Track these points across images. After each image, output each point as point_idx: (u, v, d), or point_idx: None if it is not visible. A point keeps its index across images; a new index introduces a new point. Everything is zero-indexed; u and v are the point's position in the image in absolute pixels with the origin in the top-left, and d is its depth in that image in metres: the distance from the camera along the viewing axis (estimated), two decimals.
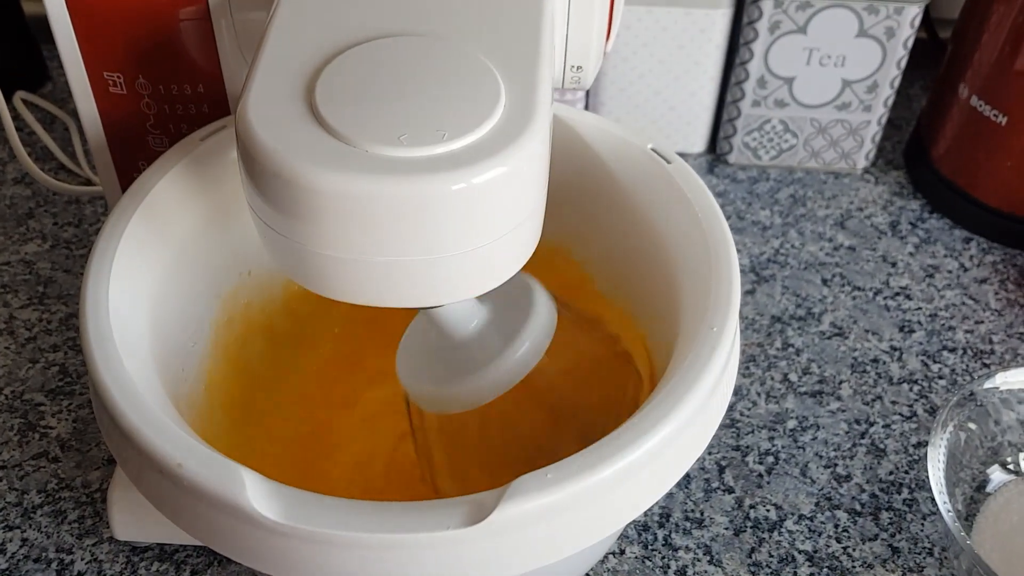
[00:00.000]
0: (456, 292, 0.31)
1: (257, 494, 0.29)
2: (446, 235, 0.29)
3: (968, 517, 0.46)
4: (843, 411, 0.53)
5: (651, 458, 0.31)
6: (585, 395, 0.43)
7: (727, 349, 0.34)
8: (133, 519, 0.44)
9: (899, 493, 0.49)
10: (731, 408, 0.52)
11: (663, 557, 0.46)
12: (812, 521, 0.48)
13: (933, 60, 0.68)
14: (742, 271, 0.60)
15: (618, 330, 0.44)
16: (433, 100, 0.29)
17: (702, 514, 0.48)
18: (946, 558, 0.46)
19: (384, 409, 0.47)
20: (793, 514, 0.48)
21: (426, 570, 0.30)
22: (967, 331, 0.57)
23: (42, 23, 0.40)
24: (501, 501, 0.29)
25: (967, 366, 0.55)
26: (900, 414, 0.53)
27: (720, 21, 0.62)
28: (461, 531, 0.29)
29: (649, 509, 0.47)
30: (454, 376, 0.38)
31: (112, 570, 0.45)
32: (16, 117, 0.67)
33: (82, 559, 0.45)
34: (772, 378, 0.54)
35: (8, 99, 0.67)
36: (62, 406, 0.52)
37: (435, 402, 0.39)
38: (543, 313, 0.39)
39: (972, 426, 0.47)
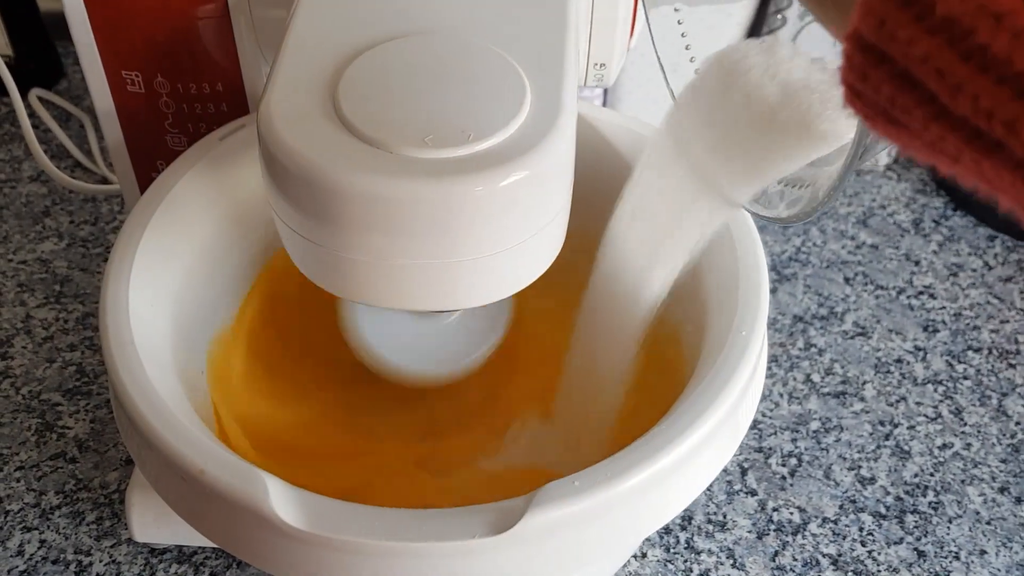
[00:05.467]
0: (479, 296, 0.31)
1: (280, 501, 0.29)
2: (471, 238, 0.28)
3: None
4: (867, 412, 0.52)
5: (678, 466, 0.31)
6: None
7: (756, 353, 0.33)
8: (152, 521, 0.43)
9: (924, 496, 0.48)
10: None
11: (685, 560, 0.45)
12: (836, 524, 0.47)
13: None
14: None
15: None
16: (458, 99, 0.29)
17: (725, 517, 0.47)
18: (972, 563, 0.45)
19: (402, 411, 0.47)
20: (817, 517, 0.47)
21: None
22: (992, 330, 0.56)
23: (57, 19, 0.39)
24: (528, 509, 0.28)
25: (992, 366, 0.54)
26: (925, 415, 0.52)
27: (740, 13, 0.61)
28: (488, 539, 0.28)
29: None
30: (434, 358, 0.41)
31: (130, 572, 0.45)
32: (32, 115, 0.67)
33: (100, 561, 0.45)
34: (795, 379, 0.53)
35: (24, 96, 0.67)
36: (79, 406, 0.51)
37: (402, 376, 0.41)
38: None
39: None
